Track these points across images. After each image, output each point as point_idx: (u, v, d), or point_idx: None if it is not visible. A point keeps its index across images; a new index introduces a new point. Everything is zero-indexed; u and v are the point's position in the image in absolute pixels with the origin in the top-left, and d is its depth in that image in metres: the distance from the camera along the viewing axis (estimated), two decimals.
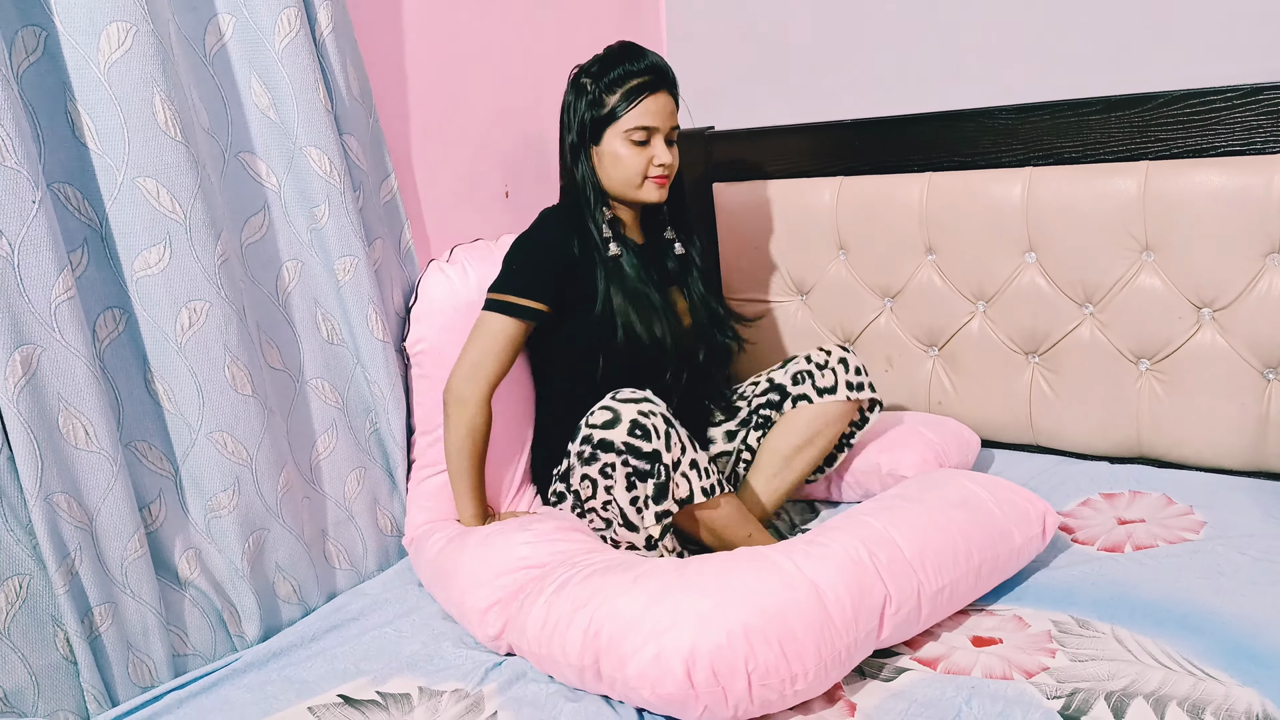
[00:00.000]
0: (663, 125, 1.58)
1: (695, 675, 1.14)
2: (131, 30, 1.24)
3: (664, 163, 1.58)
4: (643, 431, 1.42)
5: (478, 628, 1.41)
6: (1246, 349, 1.64)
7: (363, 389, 1.66)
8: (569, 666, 1.26)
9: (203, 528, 1.45)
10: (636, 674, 1.17)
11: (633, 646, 1.19)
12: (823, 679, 1.19)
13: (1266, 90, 1.57)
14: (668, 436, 1.43)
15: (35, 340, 1.21)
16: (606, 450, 1.43)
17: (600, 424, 1.44)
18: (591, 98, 1.58)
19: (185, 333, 1.36)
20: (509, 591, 1.40)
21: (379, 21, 1.68)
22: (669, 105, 1.59)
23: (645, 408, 1.43)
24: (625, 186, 1.60)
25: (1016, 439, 1.94)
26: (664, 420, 1.44)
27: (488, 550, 1.47)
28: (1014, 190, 1.80)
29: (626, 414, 1.43)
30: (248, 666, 1.43)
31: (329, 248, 1.54)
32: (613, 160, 1.58)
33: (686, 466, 1.47)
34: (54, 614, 1.31)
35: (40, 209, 1.19)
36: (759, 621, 1.16)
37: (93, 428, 1.27)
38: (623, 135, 1.57)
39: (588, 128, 1.59)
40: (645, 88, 1.56)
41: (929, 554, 1.32)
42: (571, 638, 1.25)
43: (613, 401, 1.45)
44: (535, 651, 1.31)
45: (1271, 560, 1.42)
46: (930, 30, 1.94)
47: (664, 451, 1.42)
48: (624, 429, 1.42)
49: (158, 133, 1.28)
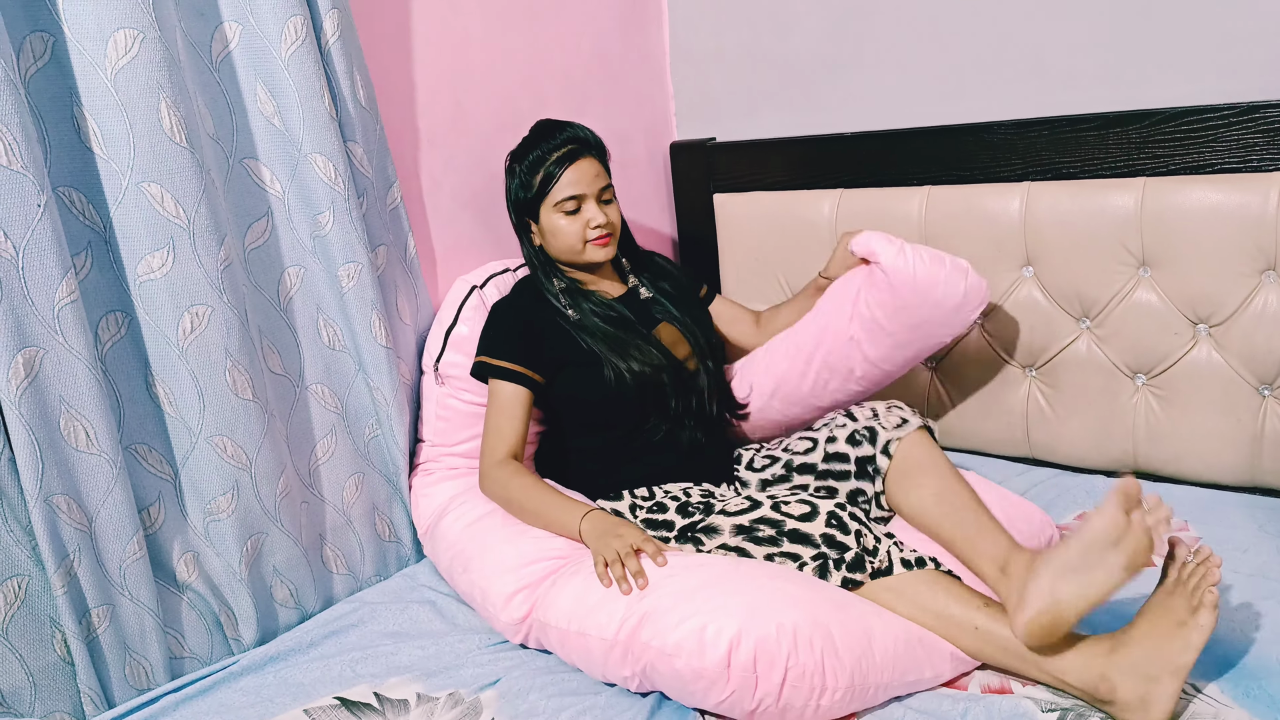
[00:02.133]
0: (589, 190, 1.64)
1: (736, 657, 1.16)
2: (139, 37, 1.26)
3: (599, 224, 1.65)
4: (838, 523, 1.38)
5: (501, 611, 1.43)
6: (1242, 365, 1.65)
7: (363, 395, 1.67)
8: (599, 639, 1.28)
9: (201, 531, 1.45)
10: (675, 643, 1.20)
11: (679, 618, 1.21)
12: (846, 703, 1.21)
13: (1263, 108, 1.58)
14: (860, 524, 1.38)
15: (38, 342, 1.22)
16: (800, 542, 1.37)
17: (798, 516, 1.39)
18: (520, 180, 1.67)
19: (187, 337, 1.37)
20: (538, 576, 1.43)
21: (386, 32, 1.69)
22: (592, 169, 1.65)
23: (841, 500, 1.42)
24: (570, 254, 1.68)
25: (1013, 452, 1.94)
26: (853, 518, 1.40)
27: (518, 537, 1.50)
28: (1012, 205, 1.81)
29: (823, 507, 1.39)
30: (245, 670, 1.44)
31: (332, 254, 1.55)
32: (552, 233, 1.66)
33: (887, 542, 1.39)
34: (52, 615, 1.31)
35: (45, 213, 1.20)
36: (807, 626, 1.19)
37: (93, 430, 1.28)
38: (554, 208, 1.65)
39: (524, 208, 1.68)
40: (563, 160, 1.63)
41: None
42: (610, 610, 1.28)
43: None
44: (564, 628, 1.33)
45: (1265, 577, 1.42)
46: (930, 45, 1.95)
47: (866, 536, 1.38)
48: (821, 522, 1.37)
49: (163, 138, 1.30)
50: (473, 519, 1.58)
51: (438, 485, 1.72)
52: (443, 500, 1.68)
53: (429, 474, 1.75)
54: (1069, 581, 1.17)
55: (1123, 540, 1.15)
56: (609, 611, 1.29)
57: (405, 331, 1.72)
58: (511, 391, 1.61)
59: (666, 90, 2.35)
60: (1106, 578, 1.15)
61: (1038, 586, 1.19)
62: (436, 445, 1.75)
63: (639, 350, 1.64)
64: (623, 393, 1.61)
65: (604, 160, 1.69)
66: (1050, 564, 1.19)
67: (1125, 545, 1.15)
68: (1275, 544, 1.51)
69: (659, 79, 2.33)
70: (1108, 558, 1.15)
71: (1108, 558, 1.15)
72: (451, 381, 1.73)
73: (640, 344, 1.65)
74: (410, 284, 1.73)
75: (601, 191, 1.66)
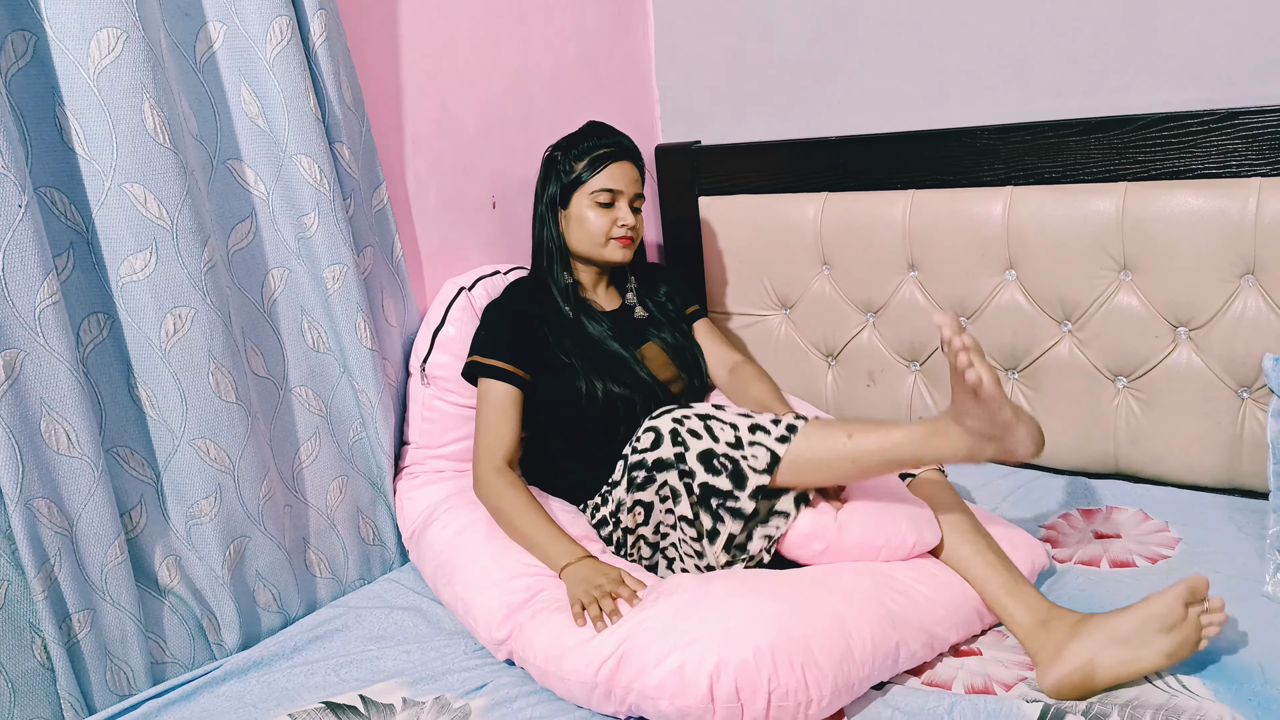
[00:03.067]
0: (626, 190, 1.69)
1: (718, 690, 1.16)
2: (122, 36, 1.25)
3: (627, 224, 1.69)
4: (689, 434, 1.37)
5: (482, 628, 1.42)
6: (1221, 368, 1.67)
7: (348, 397, 1.66)
8: (579, 684, 1.27)
9: (183, 535, 1.44)
10: (656, 684, 1.19)
11: (655, 656, 1.21)
12: (834, 705, 1.21)
13: (1243, 115, 1.60)
14: (709, 430, 1.37)
15: (18, 344, 1.21)
16: (662, 469, 1.39)
17: (648, 446, 1.40)
18: (562, 168, 1.71)
19: (170, 339, 1.35)
20: (519, 597, 1.42)
21: (373, 33, 1.69)
22: (632, 173, 1.71)
23: (677, 414, 1.40)
24: (591, 246, 1.70)
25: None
26: (700, 418, 1.39)
27: (501, 551, 1.49)
28: (995, 209, 1.82)
29: (664, 427, 1.39)
30: (227, 675, 1.42)
31: (317, 255, 1.54)
32: (579, 222, 1.69)
33: (749, 435, 1.36)
34: (32, 620, 1.30)
35: (26, 213, 1.19)
36: (784, 644, 1.19)
37: (75, 433, 1.27)
38: (589, 198, 1.68)
39: (557, 195, 1.71)
40: (610, 156, 1.69)
41: (939, 608, 1.33)
42: (587, 653, 1.26)
43: (650, 422, 1.42)
44: (542, 666, 1.32)
45: (1244, 578, 1.44)
46: (914, 50, 1.96)
47: (715, 445, 1.36)
48: (668, 443, 1.38)
49: (146, 139, 1.29)
50: (459, 528, 1.57)
51: (423, 489, 1.71)
52: (429, 504, 1.67)
53: (414, 477, 1.74)
54: (1112, 652, 1.20)
55: (1175, 630, 1.19)
56: (586, 654, 1.27)
57: (391, 334, 1.72)
58: (502, 391, 1.61)
59: (651, 94, 2.36)
60: (1150, 658, 1.19)
61: (1079, 647, 1.21)
62: (422, 448, 1.75)
63: (616, 368, 1.65)
64: (592, 408, 1.61)
65: (643, 172, 1.75)
66: (1099, 630, 1.22)
67: (1175, 635, 1.19)
68: (1254, 545, 1.52)
69: (644, 82, 2.33)
70: (1156, 641, 1.19)
71: (1156, 641, 1.19)
72: (438, 382, 1.73)
73: (620, 362, 1.66)
74: (396, 286, 1.72)
75: (635, 197, 1.71)
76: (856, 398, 2.09)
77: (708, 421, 1.38)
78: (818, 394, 2.14)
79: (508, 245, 1.97)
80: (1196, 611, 1.20)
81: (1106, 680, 1.20)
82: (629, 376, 1.65)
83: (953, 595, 1.35)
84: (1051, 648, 1.24)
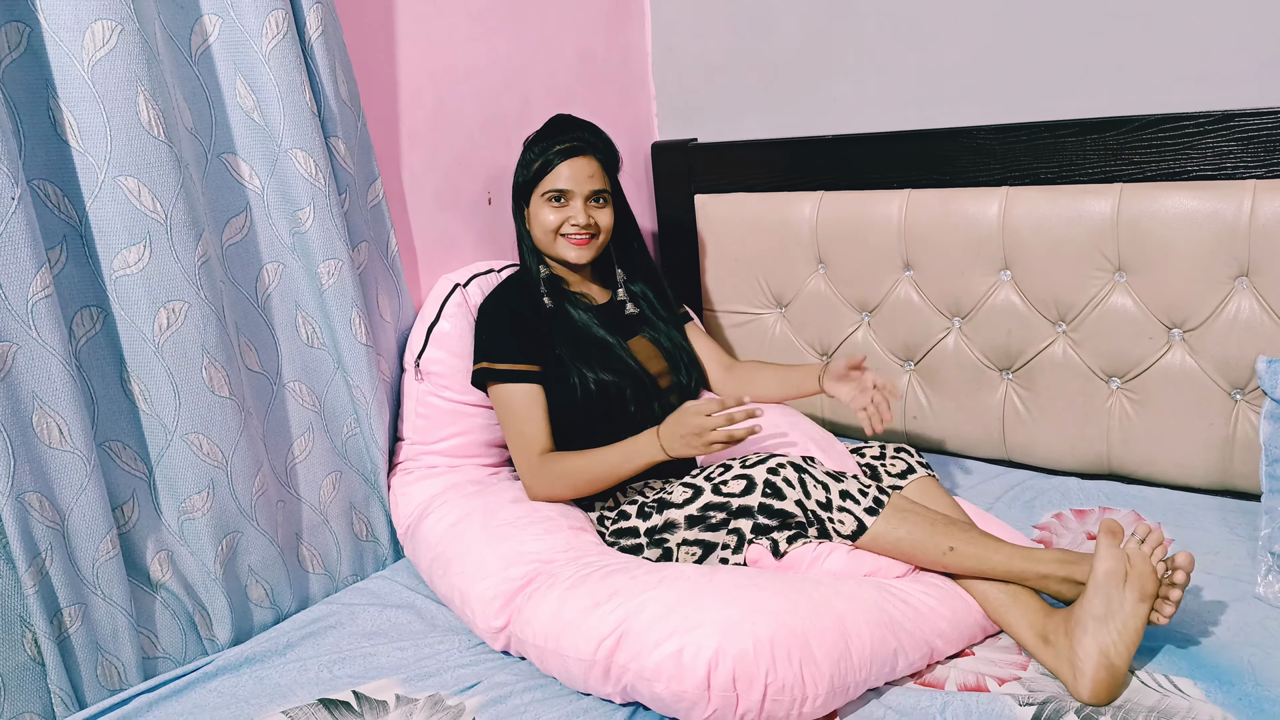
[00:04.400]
0: (578, 189, 1.66)
1: (715, 678, 1.16)
2: (117, 29, 1.24)
3: (577, 223, 1.66)
4: (784, 483, 1.41)
5: (479, 617, 1.42)
6: (1215, 370, 1.68)
7: (342, 393, 1.65)
8: (577, 660, 1.27)
9: (175, 529, 1.44)
10: (654, 667, 1.19)
11: (655, 639, 1.21)
12: (829, 705, 1.22)
13: (1238, 117, 1.60)
14: (803, 484, 1.41)
15: (11, 337, 1.20)
16: (742, 515, 1.41)
17: (736, 492, 1.42)
18: (522, 164, 1.72)
19: (163, 333, 1.35)
20: (516, 584, 1.42)
21: (370, 28, 1.68)
22: (588, 169, 1.67)
23: (772, 463, 1.43)
24: (546, 245, 1.70)
25: (989, 454, 1.96)
26: (795, 469, 1.43)
27: (497, 540, 1.49)
28: (991, 209, 1.82)
29: (759, 476, 1.42)
30: (219, 670, 1.42)
31: (312, 250, 1.54)
32: (535, 220, 1.70)
33: (839, 500, 1.41)
34: (22, 614, 1.29)
35: (19, 206, 1.18)
36: (784, 638, 1.19)
37: (67, 427, 1.26)
38: (541, 197, 1.68)
39: (520, 190, 1.72)
40: (565, 154, 1.66)
41: (942, 620, 1.34)
42: (586, 630, 1.27)
43: (742, 469, 1.44)
44: (541, 645, 1.32)
45: (1236, 579, 1.45)
46: (910, 49, 1.96)
47: (806, 500, 1.40)
48: (759, 491, 1.41)
49: (141, 132, 1.28)
50: (454, 520, 1.57)
51: (417, 484, 1.71)
52: (423, 500, 1.67)
53: (408, 473, 1.74)
54: (1107, 631, 1.22)
55: (1130, 574, 1.22)
56: (585, 631, 1.28)
57: (385, 329, 1.71)
58: (523, 393, 1.61)
59: (648, 91, 2.35)
60: (1133, 611, 1.22)
61: (1085, 649, 1.22)
62: (416, 443, 1.74)
63: (604, 355, 1.65)
64: (586, 400, 1.61)
65: (608, 165, 1.71)
66: (1083, 621, 1.23)
67: (1134, 578, 1.22)
68: (1246, 547, 1.53)
69: (641, 79, 2.33)
70: (1125, 595, 1.22)
71: (1125, 595, 1.22)
72: (432, 378, 1.72)
73: (607, 348, 1.66)
74: (391, 281, 1.72)
75: (594, 194, 1.67)
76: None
77: (802, 475, 1.41)
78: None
79: (503, 242, 1.97)
80: (1133, 545, 1.23)
81: (1123, 658, 1.21)
82: (616, 363, 1.65)
83: (957, 609, 1.35)
84: (1066, 663, 1.24)
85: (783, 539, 1.40)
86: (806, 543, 1.40)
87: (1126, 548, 1.23)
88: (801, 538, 1.40)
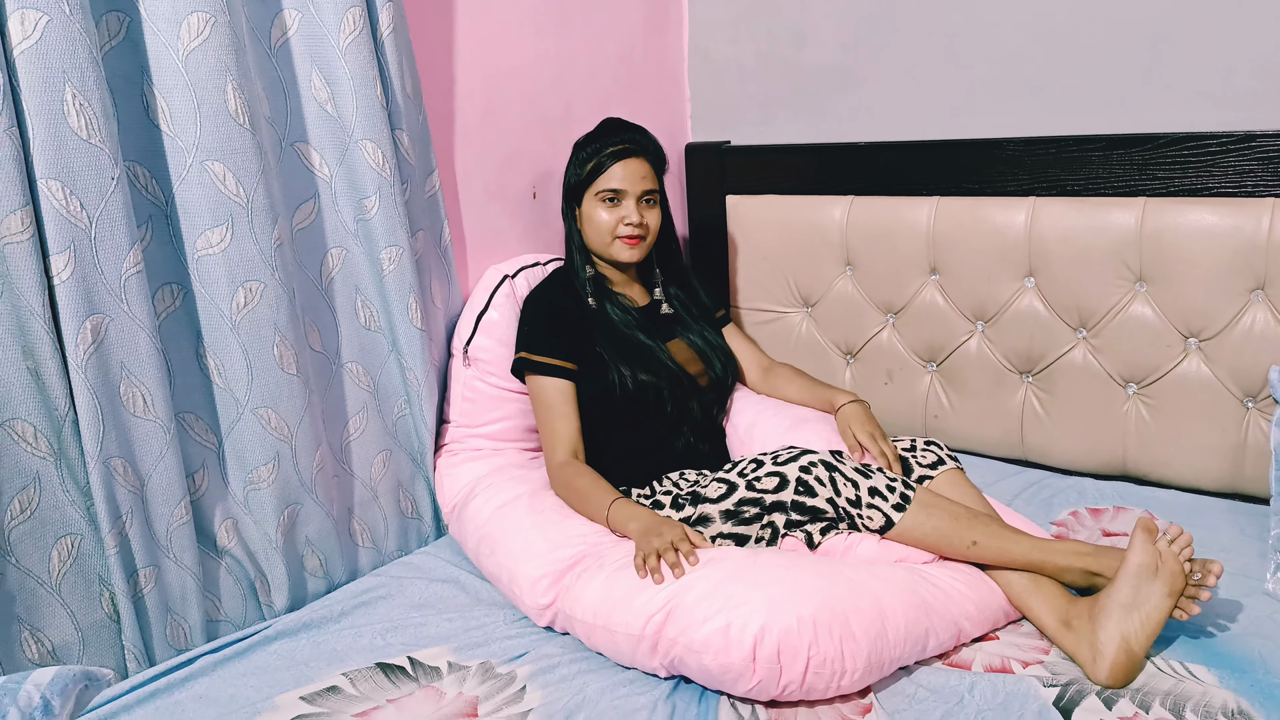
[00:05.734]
0: (631, 189, 1.72)
1: (760, 651, 1.23)
2: (210, 21, 1.31)
3: (631, 222, 1.72)
4: (816, 482, 1.47)
5: (527, 594, 1.48)
6: (1229, 378, 1.75)
7: (395, 375, 1.72)
8: (626, 635, 1.34)
9: (241, 499, 1.51)
10: (702, 640, 1.26)
11: (703, 615, 1.28)
12: (863, 680, 1.29)
13: (1259, 137, 1.68)
14: (834, 482, 1.48)
15: (105, 310, 1.27)
16: (776, 510, 1.48)
17: (770, 489, 1.48)
18: (575, 164, 1.77)
19: (240, 311, 1.42)
20: (564, 564, 1.48)
21: (430, 25, 1.75)
22: (641, 170, 1.73)
23: (804, 461, 1.49)
24: (600, 245, 1.76)
25: (1008, 454, 2.04)
26: (826, 468, 1.49)
27: (544, 523, 1.56)
28: (1018, 218, 1.90)
29: (791, 474, 1.48)
30: (279, 634, 1.49)
31: (375, 237, 1.61)
32: (588, 220, 1.75)
33: (868, 497, 1.47)
34: (101, 574, 1.36)
35: (118, 185, 1.25)
36: (826, 615, 1.26)
37: (150, 396, 1.33)
38: (595, 197, 1.73)
39: (572, 192, 1.77)
40: (618, 155, 1.72)
41: (969, 603, 1.41)
42: (635, 607, 1.33)
43: (774, 466, 1.50)
44: (589, 621, 1.39)
45: (1246, 576, 1.52)
46: (942, 62, 2.04)
47: (837, 498, 1.47)
48: (792, 488, 1.47)
49: (228, 119, 1.35)
50: (501, 502, 1.64)
51: (462, 466, 1.78)
52: (469, 481, 1.74)
53: (453, 454, 1.81)
54: (1131, 619, 1.29)
55: (1160, 569, 1.29)
56: (634, 608, 1.34)
57: (437, 315, 1.78)
58: (555, 386, 1.68)
59: (683, 93, 2.42)
60: (1158, 604, 1.29)
61: (1107, 634, 1.29)
62: (462, 426, 1.82)
63: (645, 357, 1.72)
64: (625, 397, 1.68)
65: (658, 167, 1.77)
66: (1108, 609, 1.31)
67: (1164, 573, 1.29)
68: (1256, 547, 1.60)
69: (677, 83, 2.40)
70: (1154, 588, 1.29)
71: (1154, 588, 1.29)
72: (479, 364, 1.79)
73: (647, 351, 1.73)
74: (444, 269, 1.79)
75: (645, 194, 1.74)
76: (874, 395, 2.16)
77: (833, 473, 1.48)
78: None
79: (545, 235, 2.04)
80: (1165, 544, 1.30)
81: (1142, 646, 1.28)
82: (656, 365, 1.72)
83: (982, 594, 1.42)
84: (1086, 645, 1.31)
85: (816, 530, 1.47)
86: (838, 534, 1.47)
87: (1159, 544, 1.31)
88: (833, 530, 1.47)
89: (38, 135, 1.18)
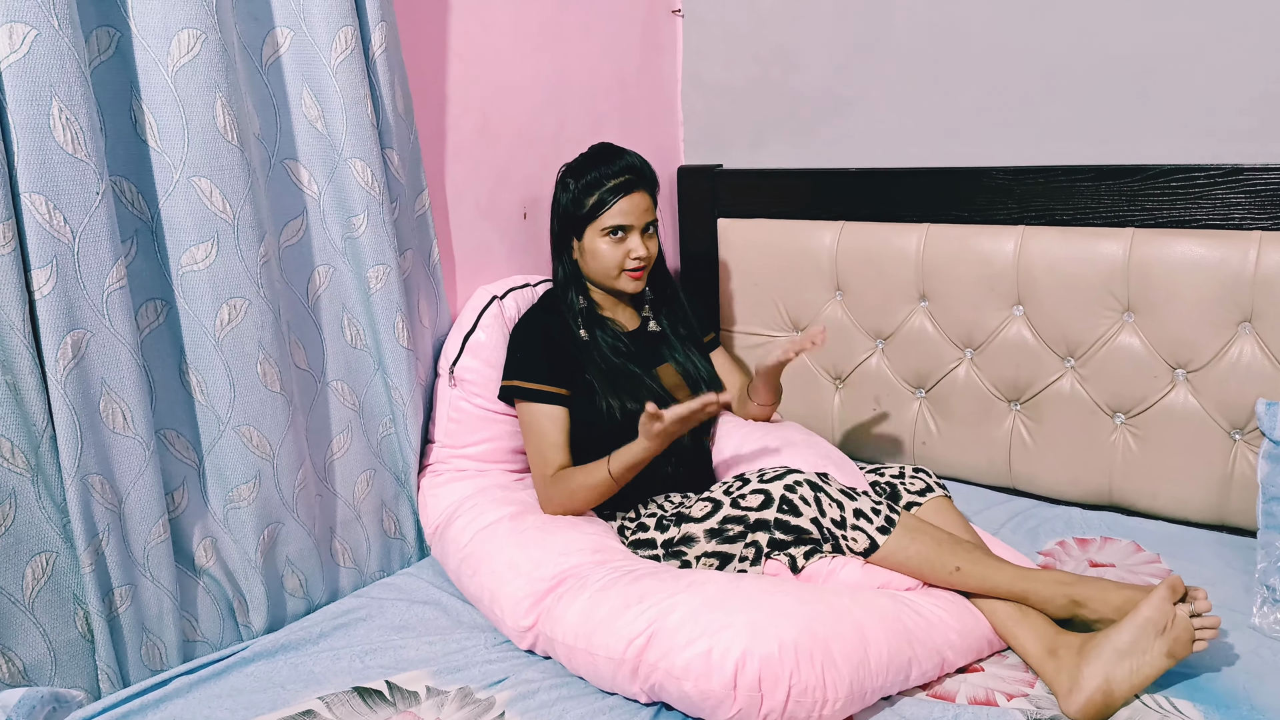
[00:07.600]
0: (636, 222, 1.72)
1: (741, 678, 1.22)
2: (201, 37, 1.31)
3: (639, 256, 1.72)
4: (800, 501, 1.47)
5: (508, 616, 1.47)
6: (1216, 410, 1.75)
7: (380, 394, 1.71)
8: (606, 659, 1.32)
9: (221, 517, 1.49)
10: (683, 665, 1.25)
11: (685, 639, 1.27)
12: (846, 709, 1.27)
13: (1246, 171, 1.69)
14: (819, 503, 1.48)
15: (86, 325, 1.26)
16: (759, 529, 1.47)
17: (754, 506, 1.48)
18: (572, 196, 1.73)
19: (224, 328, 1.41)
20: (546, 585, 1.47)
21: (423, 44, 1.75)
22: (643, 203, 1.73)
23: (789, 480, 1.49)
24: (604, 278, 1.75)
25: (995, 482, 2.03)
26: (812, 487, 1.49)
27: (527, 544, 1.55)
28: (1006, 246, 1.91)
29: (775, 492, 1.48)
30: (255, 656, 1.47)
31: (363, 256, 1.60)
32: (592, 254, 1.73)
33: (853, 519, 1.47)
34: (76, 592, 1.34)
35: (103, 200, 1.24)
36: (808, 642, 1.25)
37: (130, 413, 1.32)
38: (600, 232, 1.71)
39: (570, 223, 1.74)
40: (620, 189, 1.70)
41: (953, 631, 1.40)
42: (617, 630, 1.32)
43: (760, 484, 1.50)
44: (570, 644, 1.38)
45: (1231, 609, 1.51)
46: (932, 89, 2.05)
47: (822, 519, 1.47)
48: (775, 507, 1.47)
49: (216, 136, 1.34)
50: (484, 524, 1.63)
51: (446, 486, 1.77)
52: (453, 501, 1.73)
53: (437, 474, 1.79)
54: (1121, 665, 1.28)
55: (1169, 630, 1.28)
56: (616, 630, 1.33)
57: (424, 334, 1.77)
58: (548, 413, 1.67)
59: (676, 116, 2.43)
60: (1154, 662, 1.28)
61: (1092, 671, 1.28)
62: (446, 446, 1.80)
63: (634, 387, 1.71)
64: (613, 425, 1.67)
65: (654, 194, 1.76)
66: (1102, 649, 1.29)
67: (1170, 635, 1.28)
68: (1241, 580, 1.60)
69: (669, 106, 2.41)
70: (1155, 645, 1.28)
71: (1155, 645, 1.28)
72: (465, 385, 1.79)
73: (636, 380, 1.72)
74: (432, 288, 1.78)
75: (647, 226, 1.74)
76: (862, 421, 2.16)
77: (818, 494, 1.47)
78: (825, 417, 2.21)
79: (535, 256, 2.04)
80: (1184, 609, 1.29)
81: (1123, 694, 1.27)
82: (646, 394, 1.71)
83: (966, 622, 1.41)
84: (1066, 676, 1.30)
85: (799, 554, 1.46)
86: (822, 558, 1.46)
87: (1176, 607, 1.29)
88: (817, 553, 1.46)
89: (22, 149, 1.18)
